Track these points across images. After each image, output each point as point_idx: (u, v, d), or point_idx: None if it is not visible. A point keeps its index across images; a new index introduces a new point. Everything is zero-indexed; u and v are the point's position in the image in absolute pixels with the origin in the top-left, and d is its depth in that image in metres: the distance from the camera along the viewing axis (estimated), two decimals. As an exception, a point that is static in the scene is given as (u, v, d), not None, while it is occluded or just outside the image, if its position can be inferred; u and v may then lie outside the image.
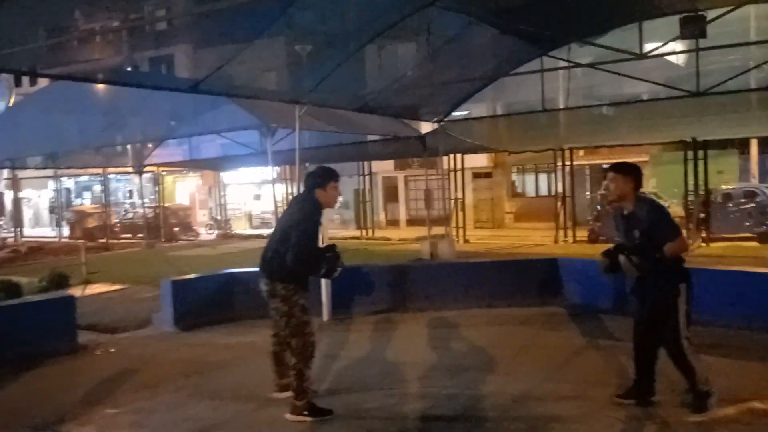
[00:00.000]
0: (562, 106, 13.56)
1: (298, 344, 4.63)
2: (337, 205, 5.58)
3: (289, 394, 4.70)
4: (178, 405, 5.13)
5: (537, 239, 19.01)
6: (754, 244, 15.90)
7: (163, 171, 26.85)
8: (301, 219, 4.61)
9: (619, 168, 4.59)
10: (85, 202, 38.15)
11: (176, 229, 25.88)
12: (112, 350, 7.10)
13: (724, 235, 16.97)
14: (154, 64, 27.59)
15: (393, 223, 28.94)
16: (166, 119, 15.22)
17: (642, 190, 4.64)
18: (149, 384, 5.74)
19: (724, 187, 18.79)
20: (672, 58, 12.29)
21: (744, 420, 4.41)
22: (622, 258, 4.47)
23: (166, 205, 26.06)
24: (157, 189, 26.01)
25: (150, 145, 20.77)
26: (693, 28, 8.84)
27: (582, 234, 18.62)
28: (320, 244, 5.05)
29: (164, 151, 20.94)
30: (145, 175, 24.82)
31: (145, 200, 24.91)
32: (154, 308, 8.58)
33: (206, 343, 7.17)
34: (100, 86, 14.04)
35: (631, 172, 4.55)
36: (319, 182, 4.74)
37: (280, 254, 4.55)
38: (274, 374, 4.97)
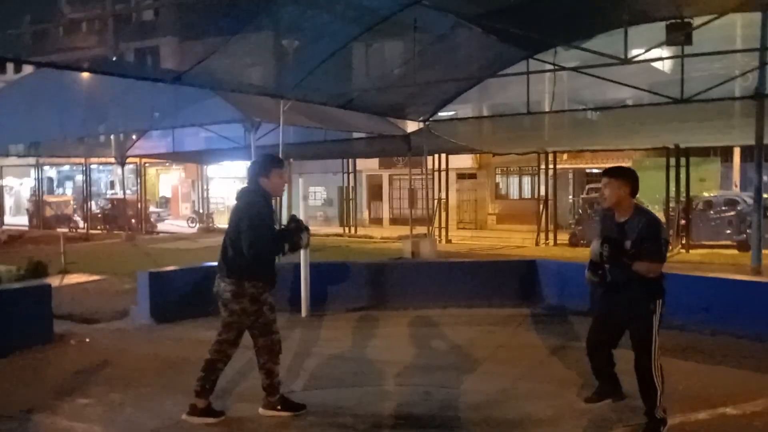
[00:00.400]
0: (547, 110, 13.62)
1: (265, 343, 4.55)
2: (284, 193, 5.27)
3: (201, 420, 4.49)
4: (150, 399, 5.08)
5: (518, 241, 19.09)
6: (734, 252, 16.07)
7: (145, 163, 26.64)
8: (246, 209, 4.42)
9: (613, 172, 4.37)
10: (67, 192, 37.82)
11: (134, 221, 25.77)
12: (87, 341, 7.00)
13: (704, 243, 17.15)
14: (140, 55, 27.35)
15: (376, 221, 28.94)
16: (149, 111, 15.08)
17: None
18: (122, 376, 5.67)
19: (705, 194, 18.98)
20: (657, 65, 12.39)
21: (716, 424, 4.45)
22: (595, 241, 4.30)
23: (122, 197, 26.07)
24: (139, 180, 25.77)
25: (133, 137, 20.59)
26: (679, 35, 8.90)
27: (563, 237, 18.75)
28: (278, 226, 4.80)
29: (147, 143, 20.76)
30: (127, 167, 24.62)
31: (128, 192, 24.73)
32: (131, 300, 8.50)
33: (182, 337, 7.10)
34: (83, 76, 13.89)
35: (626, 177, 4.31)
36: (261, 171, 4.54)
37: (240, 252, 4.37)
38: (197, 384, 4.52)
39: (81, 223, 26.91)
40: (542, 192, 20.68)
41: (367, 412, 4.72)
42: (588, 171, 26.76)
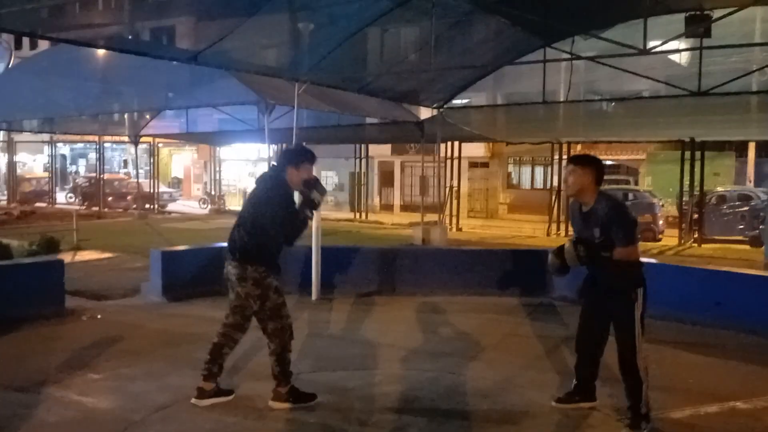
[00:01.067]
0: (562, 99, 13.52)
1: (275, 328, 4.44)
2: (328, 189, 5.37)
3: (210, 401, 4.47)
4: (159, 373, 5.14)
5: (529, 231, 19.04)
6: (746, 247, 15.96)
7: (159, 142, 26.73)
8: (276, 199, 4.38)
9: (578, 160, 4.34)
10: (80, 170, 38.07)
11: (110, 198, 26.20)
12: (99, 317, 7.07)
13: (716, 237, 17.05)
14: (155, 34, 27.35)
15: (387, 207, 28.94)
16: (163, 90, 15.12)
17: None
18: (132, 352, 5.74)
19: (719, 189, 18.84)
20: (674, 57, 12.24)
21: (726, 419, 4.44)
22: (567, 244, 4.20)
23: (104, 176, 26.44)
24: (152, 160, 25.89)
25: (147, 116, 20.66)
26: (698, 27, 8.79)
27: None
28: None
29: (161, 123, 20.84)
30: (141, 146, 24.72)
31: (140, 171, 24.84)
32: (142, 278, 8.57)
33: (192, 315, 7.16)
34: (98, 53, 13.93)
35: (591, 165, 4.24)
36: (294, 160, 4.51)
37: (250, 237, 4.38)
38: (204, 368, 4.53)
39: (58, 199, 28.14)
40: (555, 183, 20.58)
41: (374, 394, 4.76)
42: (605, 162, 26.58)
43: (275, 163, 4.68)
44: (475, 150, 24.65)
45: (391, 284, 8.61)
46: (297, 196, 4.58)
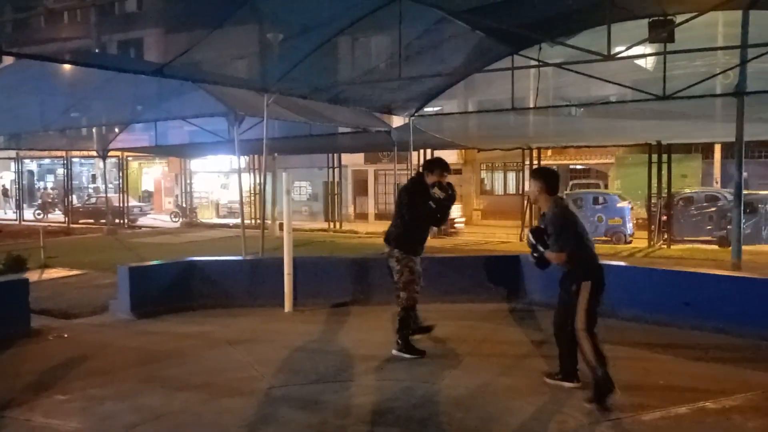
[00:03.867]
0: (531, 106, 13.64)
1: (404, 296, 6.01)
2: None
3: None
4: (129, 393, 5.03)
5: (503, 236, 19.16)
6: (714, 247, 16.23)
7: (128, 156, 26.39)
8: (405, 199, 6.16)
9: (532, 173, 5.34)
10: (48, 185, 37.40)
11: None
12: (66, 336, 6.92)
13: (685, 238, 17.31)
14: (123, 47, 27.07)
15: (361, 216, 28.92)
16: (132, 103, 14.93)
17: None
18: (101, 371, 5.62)
19: (686, 190, 19.15)
20: (640, 62, 12.44)
21: (696, 419, 4.48)
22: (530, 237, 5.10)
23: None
24: (121, 174, 25.53)
25: (116, 129, 20.38)
26: (661, 32, 8.94)
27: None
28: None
29: (130, 136, 20.55)
30: (109, 160, 24.37)
31: (110, 185, 24.48)
32: (111, 295, 8.42)
33: (162, 332, 7.04)
34: (64, 66, 13.70)
35: (541, 177, 5.08)
36: (428, 168, 6.26)
37: (395, 227, 6.11)
38: (398, 336, 6.07)
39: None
40: (526, 188, 20.74)
41: (348, 406, 4.71)
42: (572, 167, 26.93)
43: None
44: (448, 157, 24.49)
45: (366, 294, 8.57)
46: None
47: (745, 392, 4.95)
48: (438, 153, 21.76)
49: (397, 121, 15.28)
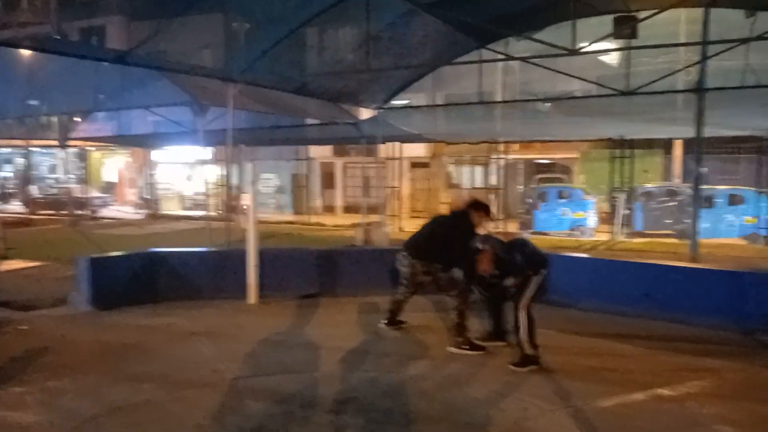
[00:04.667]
0: (498, 99, 13.76)
1: (454, 294, 6.20)
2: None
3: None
4: (90, 386, 4.94)
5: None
6: (674, 240, 16.58)
7: (90, 146, 25.87)
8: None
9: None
10: (7, 176, 36.44)
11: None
12: (25, 328, 6.78)
13: (646, 232, 17.67)
14: (85, 34, 26.44)
15: (329, 209, 28.82)
16: (93, 92, 14.62)
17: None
18: (61, 364, 5.51)
19: (648, 185, 19.53)
20: (605, 58, 12.64)
21: (652, 406, 4.59)
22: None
23: None
24: (83, 165, 25.01)
25: (77, 119, 19.95)
26: (625, 28, 9.09)
27: (513, 226, 19.02)
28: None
29: (92, 126, 20.14)
30: (71, 150, 23.87)
31: (70, 176, 23.97)
32: (72, 287, 8.25)
33: (124, 324, 6.94)
34: (23, 53, 13.35)
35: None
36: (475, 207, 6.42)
37: (429, 243, 6.49)
38: (455, 331, 6.18)
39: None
40: (493, 181, 20.93)
41: (313, 397, 4.71)
42: (538, 161, 27.23)
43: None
44: (416, 150, 24.81)
45: (332, 286, 8.56)
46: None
47: (699, 380, 5.10)
48: (406, 146, 21.86)
49: (365, 113, 15.25)
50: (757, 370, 5.42)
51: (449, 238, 6.33)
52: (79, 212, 23.59)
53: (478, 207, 6.48)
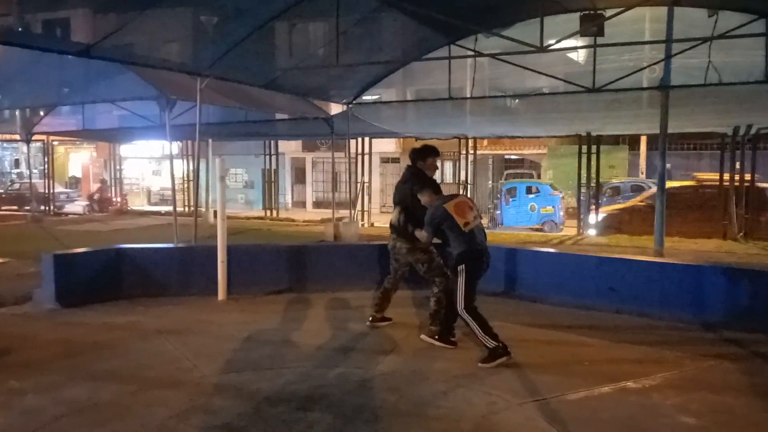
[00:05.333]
0: (468, 96, 13.82)
1: (440, 281, 6.17)
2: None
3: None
4: (53, 386, 4.84)
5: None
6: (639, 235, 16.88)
7: (54, 140, 25.34)
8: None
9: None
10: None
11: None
12: (-15, 327, 6.62)
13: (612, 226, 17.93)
14: (48, 27, 25.84)
15: (299, 204, 28.72)
16: (57, 85, 14.30)
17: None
18: (23, 363, 5.40)
19: (614, 181, 19.85)
20: (572, 56, 12.78)
21: (617, 398, 4.67)
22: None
23: None
24: (46, 159, 24.47)
25: (41, 112, 19.51)
26: (591, 26, 9.21)
27: (483, 222, 19.13)
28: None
29: (56, 120, 19.72)
30: (34, 145, 23.34)
31: (35, 171, 23.43)
32: (35, 284, 8.07)
33: (89, 322, 6.82)
34: (-18, 45, 12.98)
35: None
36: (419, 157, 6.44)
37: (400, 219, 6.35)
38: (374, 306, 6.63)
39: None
40: (463, 177, 21.06)
41: (282, 393, 4.69)
42: (507, 157, 27.47)
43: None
44: (386, 146, 24.84)
45: (302, 282, 8.54)
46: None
47: (663, 372, 5.20)
48: (376, 141, 21.86)
49: (335, 108, 15.19)
50: (718, 362, 5.55)
51: (406, 201, 6.27)
52: (43, 208, 23.11)
53: (420, 152, 6.43)
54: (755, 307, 6.68)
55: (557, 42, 8.87)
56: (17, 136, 21.71)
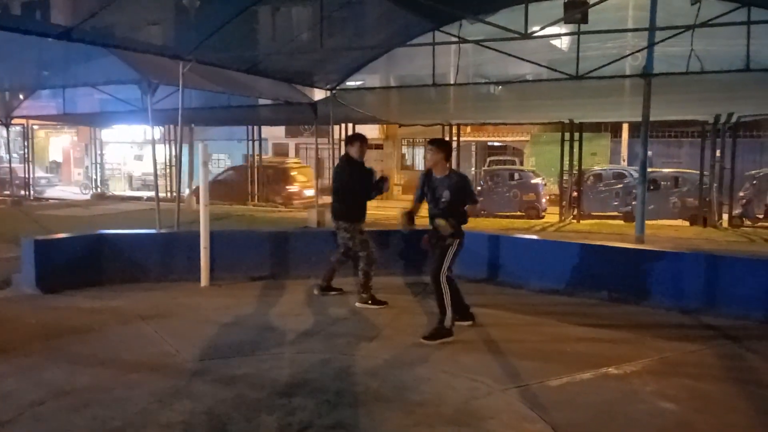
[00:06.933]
0: (451, 82, 13.81)
1: (364, 255, 6.89)
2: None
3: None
4: (32, 369, 4.81)
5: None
6: (620, 222, 17.06)
7: (34, 124, 24.99)
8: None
9: (433, 143, 6.01)
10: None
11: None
12: (-37, 313, 6.54)
13: (593, 213, 18.12)
14: (27, 8, 25.40)
15: (282, 190, 28.51)
16: (36, 68, 14.06)
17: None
18: (2, 348, 5.34)
19: (596, 168, 19.98)
20: (555, 43, 12.80)
21: (599, 384, 4.73)
22: (441, 221, 5.74)
23: None
24: (26, 143, 24.13)
25: (20, 96, 19.22)
26: (575, 13, 9.22)
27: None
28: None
29: (36, 103, 19.42)
30: (14, 129, 23.02)
31: (14, 155, 23.09)
32: (14, 269, 7.99)
33: (69, 307, 6.77)
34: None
35: (442, 147, 5.94)
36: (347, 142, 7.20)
37: (338, 202, 7.06)
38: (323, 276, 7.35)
39: None
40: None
41: (264, 379, 4.69)
42: (490, 144, 27.53)
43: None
44: (370, 132, 24.77)
45: (285, 268, 8.52)
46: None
47: (644, 359, 5.27)
48: (359, 127, 21.74)
49: (318, 94, 15.09)
50: (696, 348, 5.64)
51: (344, 187, 6.95)
52: (23, 192, 22.82)
53: (351, 140, 7.15)
54: (733, 293, 6.77)
55: (541, 29, 8.87)
56: (-5, 120, 21.37)
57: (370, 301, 6.87)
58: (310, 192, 20.84)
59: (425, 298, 7.44)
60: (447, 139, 20.56)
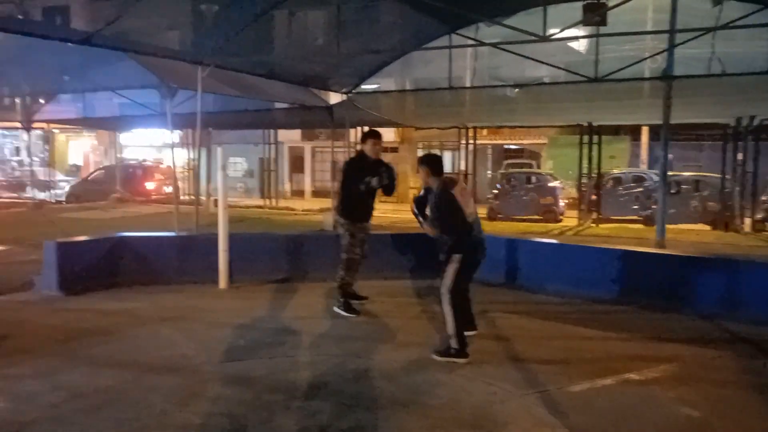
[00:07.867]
0: (467, 85, 13.79)
1: (343, 257, 6.69)
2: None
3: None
4: (51, 372, 4.85)
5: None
6: (640, 226, 16.89)
7: (54, 128, 25.32)
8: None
9: (419, 159, 5.84)
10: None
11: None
12: (-15, 314, 6.63)
13: (612, 217, 17.95)
14: (48, 14, 25.73)
15: (298, 193, 28.69)
16: (57, 72, 14.24)
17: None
18: (22, 349, 5.41)
19: (615, 171, 19.82)
20: (573, 45, 12.74)
21: (621, 390, 4.67)
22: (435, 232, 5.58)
23: None
24: (47, 147, 24.43)
25: (41, 100, 19.46)
26: (594, 15, 9.16)
27: (482, 211, 19.12)
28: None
29: (56, 108, 19.67)
30: (35, 132, 23.32)
31: (34, 158, 23.40)
32: (36, 271, 8.07)
33: (90, 309, 6.83)
34: (-18, 32, 12.91)
35: (426, 162, 5.67)
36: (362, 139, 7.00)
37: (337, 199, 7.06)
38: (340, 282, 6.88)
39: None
40: (462, 166, 21.02)
41: (282, 382, 4.70)
42: (506, 147, 27.42)
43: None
44: (385, 135, 24.48)
45: (302, 270, 8.54)
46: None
47: (665, 364, 5.20)
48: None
49: (334, 97, 15.13)
50: (716, 354, 5.56)
51: (341, 183, 6.81)
52: (43, 195, 23.10)
53: (363, 137, 7.02)
54: (755, 298, 6.67)
55: (560, 31, 8.83)
56: (17, 124, 21.68)
57: (342, 308, 6.70)
58: (168, 189, 22.29)
59: (439, 302, 7.41)
60: (461, 142, 20.51)
